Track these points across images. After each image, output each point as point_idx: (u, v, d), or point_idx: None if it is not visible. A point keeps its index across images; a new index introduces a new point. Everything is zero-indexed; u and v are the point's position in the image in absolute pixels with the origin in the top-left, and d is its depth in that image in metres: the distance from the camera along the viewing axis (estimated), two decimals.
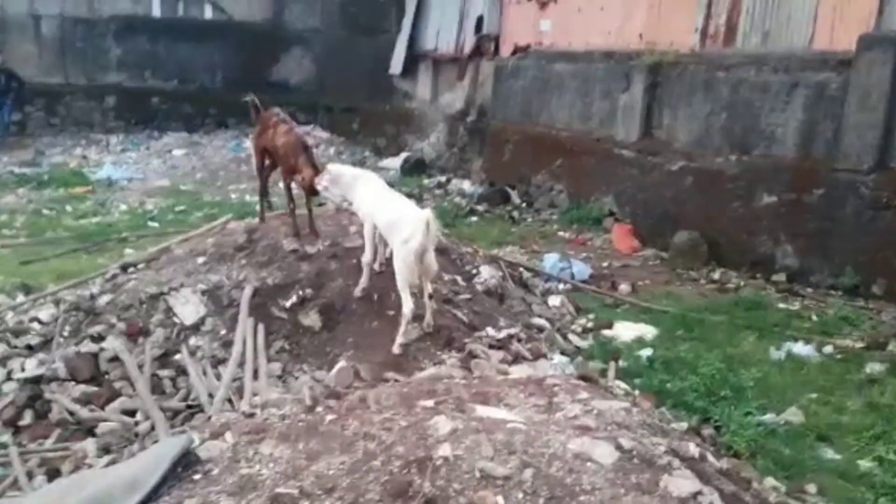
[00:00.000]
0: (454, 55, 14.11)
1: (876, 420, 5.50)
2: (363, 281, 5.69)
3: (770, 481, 4.57)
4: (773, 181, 9.07)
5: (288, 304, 5.58)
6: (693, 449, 3.36)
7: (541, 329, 6.25)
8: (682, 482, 2.78)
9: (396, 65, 15.33)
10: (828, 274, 8.64)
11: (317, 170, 6.07)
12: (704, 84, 9.89)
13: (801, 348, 6.76)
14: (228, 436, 3.15)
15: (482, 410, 3.12)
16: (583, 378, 3.73)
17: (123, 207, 11.66)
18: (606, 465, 2.78)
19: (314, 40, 19.24)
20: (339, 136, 17.61)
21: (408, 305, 5.06)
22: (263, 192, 7.12)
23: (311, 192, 6.08)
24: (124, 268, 6.42)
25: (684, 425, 4.09)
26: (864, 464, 4.99)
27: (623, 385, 4.74)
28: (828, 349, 6.82)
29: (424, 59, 15.01)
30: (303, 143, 6.31)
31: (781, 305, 8.14)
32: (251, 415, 3.37)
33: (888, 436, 5.28)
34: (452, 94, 14.45)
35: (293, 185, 6.36)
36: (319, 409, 3.29)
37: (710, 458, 3.58)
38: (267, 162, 6.86)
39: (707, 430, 4.47)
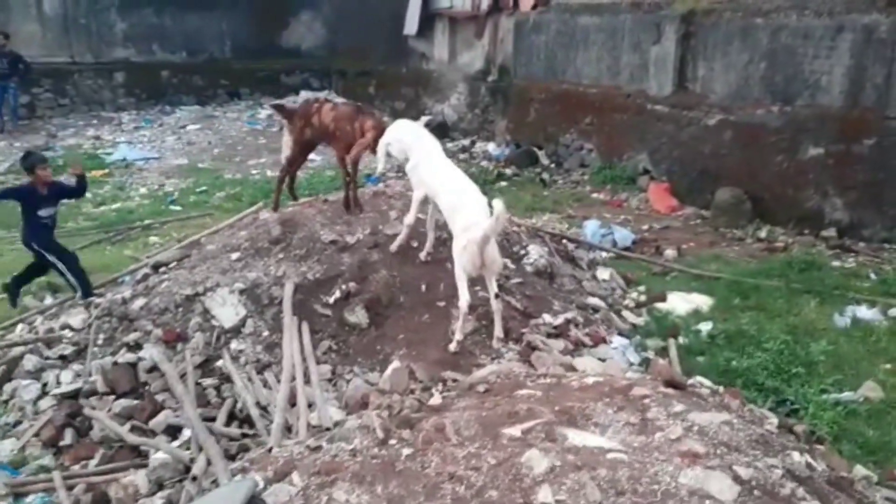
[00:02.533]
0: (471, 12, 13.53)
1: None
2: (401, 238, 5.58)
3: (860, 470, 4.29)
4: (819, 132, 8.63)
5: (332, 300, 5.28)
6: (799, 459, 3.08)
7: (595, 309, 5.94)
8: None
9: (411, 25, 14.75)
10: (881, 227, 8.27)
11: (380, 124, 5.85)
12: (741, 32, 9.37)
13: (865, 312, 6.44)
14: (296, 477, 2.87)
15: (575, 437, 2.82)
16: (669, 384, 3.42)
17: (143, 190, 11.36)
18: (727, 501, 2.48)
19: (324, 3, 18.65)
20: (356, 100, 17.13)
21: (464, 298, 4.73)
22: (289, 184, 6.80)
23: (373, 149, 5.74)
24: (155, 267, 6.14)
25: (775, 421, 3.79)
26: None
27: (706, 381, 4.44)
28: (893, 312, 6.49)
29: (440, 17, 14.43)
30: (356, 107, 6.32)
31: (836, 264, 7.79)
32: (317, 448, 3.09)
33: None
34: (471, 53, 13.92)
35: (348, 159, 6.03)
36: (393, 441, 3.00)
37: (814, 464, 3.30)
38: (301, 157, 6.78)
39: (799, 426, 4.16)
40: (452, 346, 4.76)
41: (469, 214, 4.76)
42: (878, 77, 8.10)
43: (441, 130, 13.98)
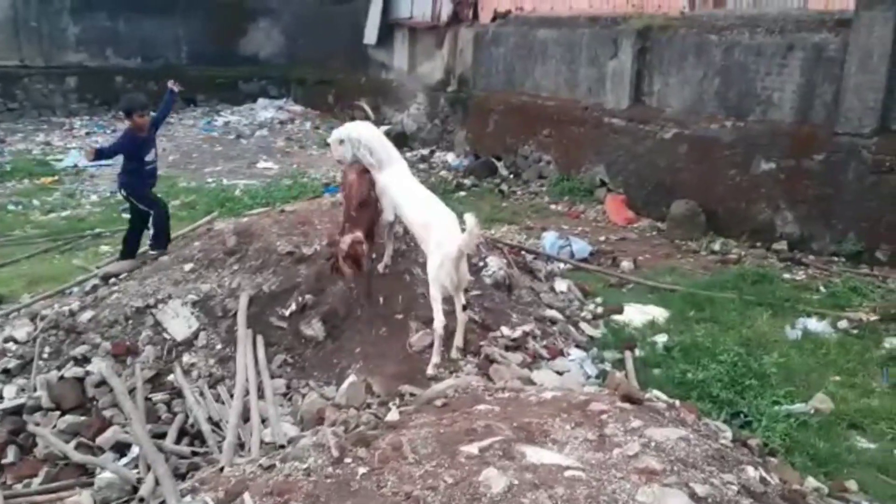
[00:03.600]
0: (431, 23, 13.56)
1: None
2: (385, 260, 5.46)
3: (812, 482, 4.35)
4: (770, 147, 8.82)
5: (287, 312, 5.20)
6: (753, 474, 3.10)
7: (553, 321, 5.95)
8: None
9: (371, 34, 14.73)
10: (830, 241, 8.45)
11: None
12: (696, 48, 9.55)
13: (815, 325, 6.57)
14: (247, 498, 2.80)
15: (532, 454, 2.80)
16: (626, 398, 3.43)
17: (94, 198, 11.09)
18: None
19: (283, 10, 18.50)
20: (314, 109, 17.04)
21: (439, 319, 4.70)
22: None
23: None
24: (105, 278, 5.98)
25: (730, 434, 3.82)
26: None
27: (662, 396, 4.46)
28: (842, 324, 6.63)
29: (400, 27, 14.43)
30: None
31: (787, 276, 7.95)
32: (270, 467, 3.02)
33: None
34: (431, 64, 13.94)
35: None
36: (348, 459, 2.94)
37: (767, 477, 3.33)
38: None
39: (753, 440, 4.20)
40: (430, 370, 4.69)
41: (442, 231, 4.76)
42: (828, 94, 8.31)
43: (400, 140, 13.94)
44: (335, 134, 5.66)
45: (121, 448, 4.39)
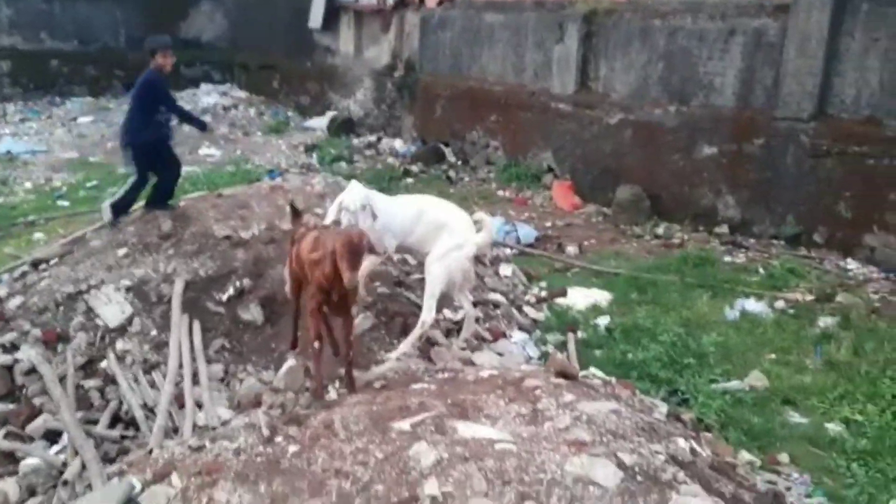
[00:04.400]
0: (377, 6, 13.41)
1: (837, 379, 5.48)
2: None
3: (745, 455, 4.46)
4: (712, 132, 8.95)
5: (225, 297, 5.10)
6: (684, 445, 3.14)
7: (496, 304, 5.95)
8: (690, 501, 2.52)
9: (316, 18, 14.50)
10: (769, 224, 8.63)
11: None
12: (640, 33, 9.63)
13: (753, 305, 6.71)
14: (175, 478, 2.73)
15: (464, 429, 2.79)
16: (561, 374, 3.44)
17: (28, 185, 10.72)
18: (610, 488, 2.50)
19: None
20: (258, 95, 16.74)
21: (431, 316, 4.70)
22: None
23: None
24: (35, 264, 5.77)
25: (664, 409, 3.87)
26: (832, 427, 4.93)
27: (598, 373, 4.50)
28: (779, 304, 6.79)
29: (346, 10, 14.24)
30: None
31: (727, 259, 8.10)
32: (199, 448, 2.95)
33: (851, 396, 5.25)
34: (377, 48, 13.80)
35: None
36: (279, 438, 2.89)
37: (698, 449, 3.38)
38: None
39: (686, 414, 4.27)
40: (394, 355, 4.62)
41: (460, 231, 4.80)
42: (768, 79, 8.46)
43: (347, 126, 13.83)
44: (355, 199, 4.69)
45: (52, 436, 4.26)
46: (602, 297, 6.80)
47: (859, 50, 7.77)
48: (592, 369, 4.67)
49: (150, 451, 3.18)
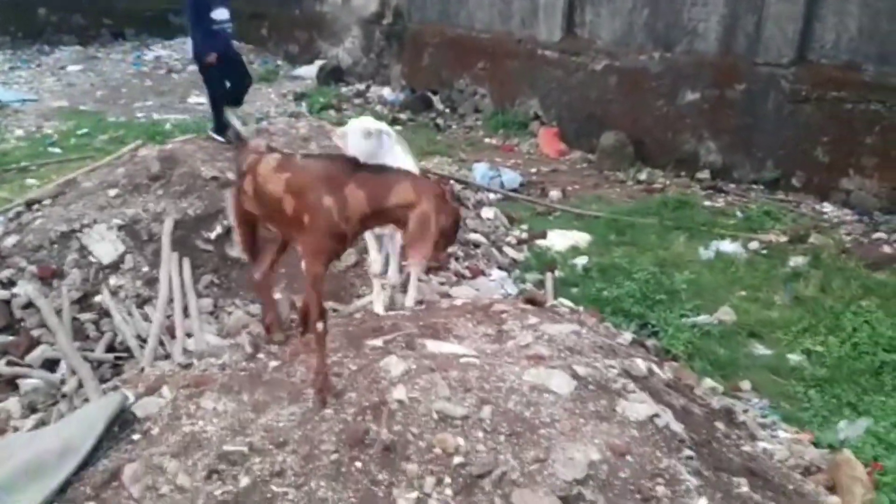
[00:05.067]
0: None
1: (802, 314, 5.73)
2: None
3: (708, 382, 4.71)
4: (695, 78, 9.07)
5: (213, 235, 5.29)
6: (641, 364, 3.37)
7: (477, 245, 6.16)
8: (638, 406, 2.77)
9: None
10: (750, 169, 8.81)
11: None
12: None
13: (728, 246, 6.93)
14: (165, 390, 2.96)
15: (433, 346, 3.02)
16: (529, 301, 3.66)
17: (19, 133, 10.79)
18: (564, 394, 2.74)
19: None
20: (248, 43, 16.64)
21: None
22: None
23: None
24: (29, 204, 5.94)
25: (629, 337, 4.10)
26: (794, 357, 5.20)
27: (567, 302, 4.72)
28: (753, 245, 7.01)
29: None
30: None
31: (707, 203, 8.30)
32: (188, 365, 3.17)
33: (814, 328, 5.51)
34: None
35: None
36: (261, 355, 3.12)
37: (657, 370, 3.62)
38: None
39: (650, 341, 4.51)
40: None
41: None
42: (750, 25, 8.54)
43: (335, 75, 13.86)
44: (364, 126, 4.23)
45: (50, 365, 4.48)
46: (581, 238, 7.00)
47: None
48: (561, 299, 4.89)
49: (143, 370, 3.41)
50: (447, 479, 2.39)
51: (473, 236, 6.27)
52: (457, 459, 2.44)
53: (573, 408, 2.69)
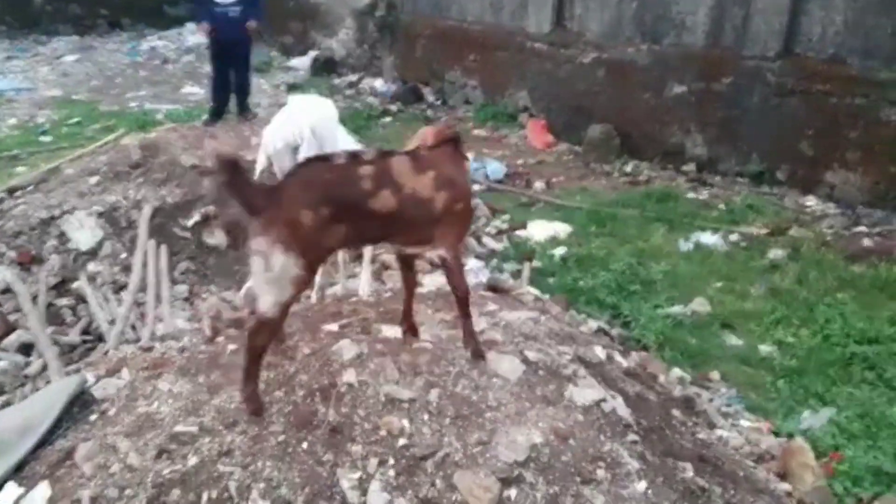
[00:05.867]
0: None
1: (776, 305, 5.77)
2: None
3: (677, 372, 4.76)
4: (683, 70, 9.08)
5: (191, 223, 5.35)
6: (600, 352, 3.43)
7: None
8: (585, 391, 2.82)
9: None
10: (735, 162, 8.83)
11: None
12: None
13: (708, 238, 6.97)
14: (125, 372, 3.02)
15: (388, 331, 3.07)
16: (492, 288, 3.71)
17: (12, 121, 10.84)
18: (512, 379, 2.79)
19: None
20: None
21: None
22: None
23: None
24: (11, 191, 6.00)
25: (594, 325, 4.15)
26: (765, 348, 5.25)
27: (533, 290, 4.77)
28: (734, 237, 7.05)
29: None
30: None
31: (691, 196, 8.33)
32: (149, 348, 3.23)
33: (787, 320, 5.56)
34: None
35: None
36: (221, 338, 3.18)
37: (618, 357, 3.67)
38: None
39: (615, 330, 4.56)
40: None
41: None
42: (737, 18, 8.56)
43: (329, 66, 13.88)
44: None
45: (26, 350, 4.54)
46: (562, 229, 7.05)
47: None
48: (528, 287, 4.94)
49: (107, 353, 3.47)
50: (391, 461, 2.44)
51: None
52: (401, 441, 2.49)
53: (520, 392, 2.74)
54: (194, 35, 16.39)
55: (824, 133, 8.03)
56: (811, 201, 8.06)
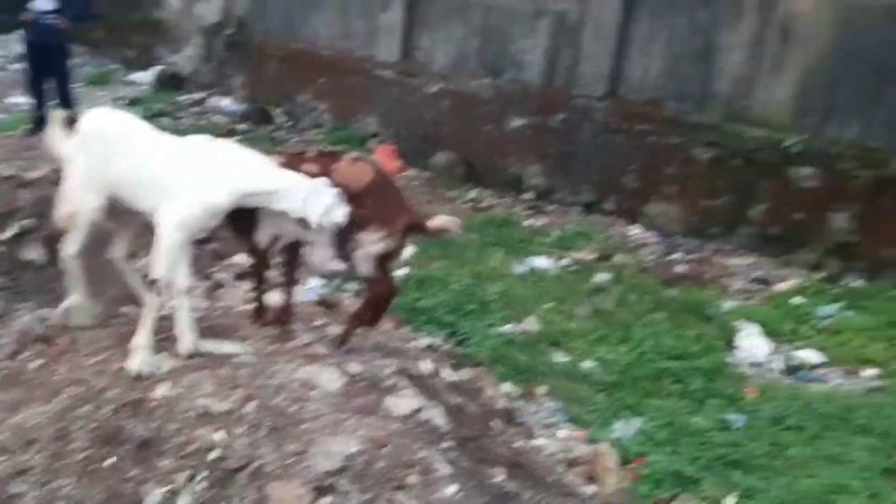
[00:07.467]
0: None
1: (599, 325, 6.16)
2: None
3: (506, 386, 4.97)
4: (521, 105, 9.55)
5: (6, 236, 5.00)
6: (426, 366, 3.55)
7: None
8: (403, 401, 2.91)
9: None
10: (569, 192, 9.35)
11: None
12: (460, 7, 10.06)
13: (541, 262, 7.34)
14: None
15: (211, 346, 3.03)
16: (323, 304, 3.75)
17: None
18: (332, 391, 2.84)
19: None
20: (82, 45, 15.82)
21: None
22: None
23: None
24: None
25: (425, 342, 4.28)
26: (587, 364, 5.58)
27: None
28: (564, 262, 7.45)
29: None
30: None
31: (528, 222, 8.73)
32: None
33: (608, 338, 5.95)
34: (207, 4, 13.44)
35: None
36: (26, 354, 3.02)
37: (446, 371, 3.81)
38: None
39: (446, 346, 4.72)
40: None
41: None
42: (569, 59, 9.13)
43: (175, 82, 13.45)
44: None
45: None
46: (404, 251, 7.17)
47: (646, 36, 8.57)
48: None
49: None
50: (203, 473, 2.42)
51: None
52: (214, 454, 2.47)
53: (339, 403, 2.80)
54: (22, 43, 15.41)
55: (645, 168, 8.69)
56: (635, 230, 8.67)
